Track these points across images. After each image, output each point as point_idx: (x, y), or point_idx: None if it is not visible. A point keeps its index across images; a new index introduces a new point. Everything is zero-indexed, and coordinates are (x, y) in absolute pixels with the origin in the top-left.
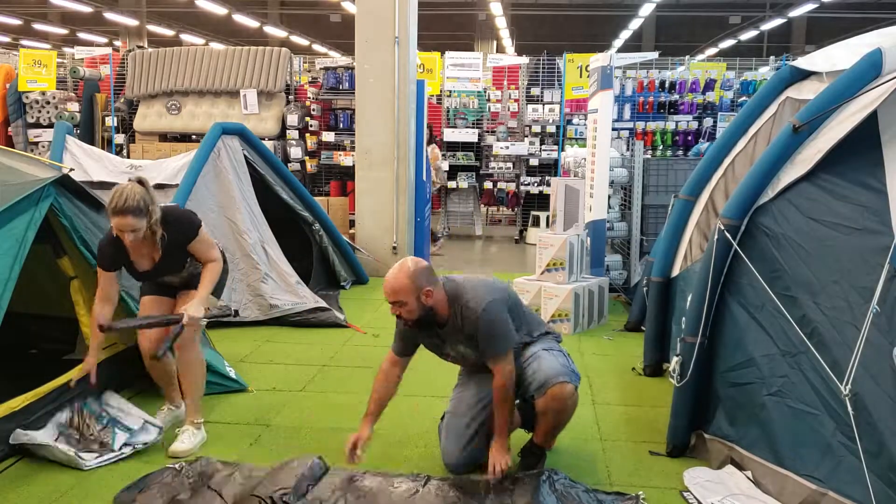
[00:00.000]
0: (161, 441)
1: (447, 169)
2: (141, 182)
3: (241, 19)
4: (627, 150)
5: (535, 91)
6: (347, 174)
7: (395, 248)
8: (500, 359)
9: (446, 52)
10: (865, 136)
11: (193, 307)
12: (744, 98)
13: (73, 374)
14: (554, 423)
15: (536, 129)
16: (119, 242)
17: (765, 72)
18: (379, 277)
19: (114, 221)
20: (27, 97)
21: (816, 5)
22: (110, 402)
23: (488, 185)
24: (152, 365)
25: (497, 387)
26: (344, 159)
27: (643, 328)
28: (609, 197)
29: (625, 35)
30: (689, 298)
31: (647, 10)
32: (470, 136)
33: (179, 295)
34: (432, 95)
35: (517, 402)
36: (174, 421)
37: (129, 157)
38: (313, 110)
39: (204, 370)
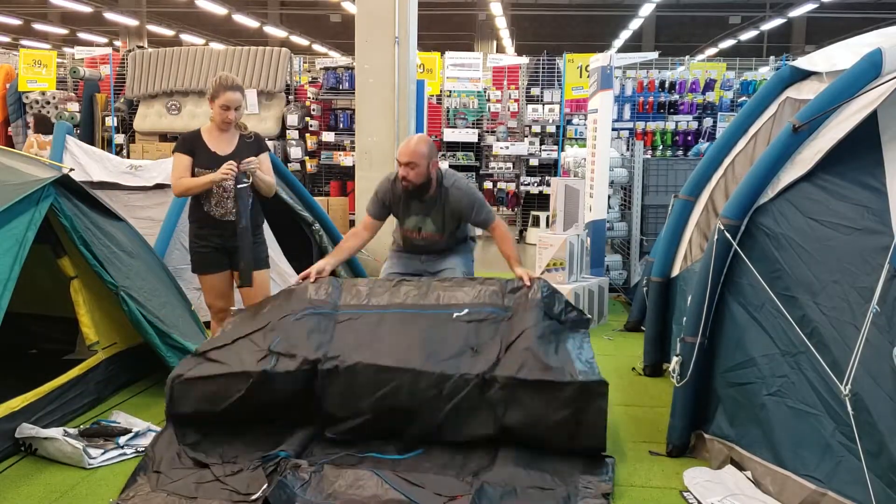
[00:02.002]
0: None
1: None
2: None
3: (241, 19)
4: (627, 150)
5: (535, 91)
6: (347, 174)
7: None
8: (495, 220)
9: (446, 52)
10: (865, 136)
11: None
12: (744, 98)
13: None
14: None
15: (536, 129)
16: (198, 135)
17: (765, 72)
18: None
19: (225, 96)
20: (27, 97)
21: (816, 5)
22: (118, 420)
23: (488, 185)
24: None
25: (503, 231)
26: (344, 159)
27: (643, 328)
28: (609, 197)
29: (625, 35)
30: (689, 298)
31: (647, 10)
32: (470, 136)
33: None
34: (432, 95)
35: None
36: None
37: (129, 157)
38: (313, 110)
39: None
